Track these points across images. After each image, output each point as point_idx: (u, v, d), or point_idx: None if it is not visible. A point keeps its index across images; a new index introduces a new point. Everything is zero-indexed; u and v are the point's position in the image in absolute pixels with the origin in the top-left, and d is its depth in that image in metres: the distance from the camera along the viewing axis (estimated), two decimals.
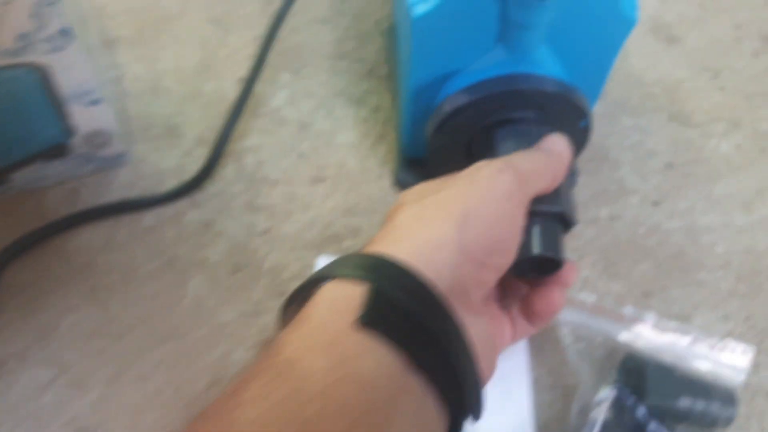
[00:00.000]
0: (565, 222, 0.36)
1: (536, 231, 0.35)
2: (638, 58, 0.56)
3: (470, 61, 0.40)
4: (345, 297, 0.27)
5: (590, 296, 0.42)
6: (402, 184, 0.48)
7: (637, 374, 0.39)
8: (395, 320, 0.27)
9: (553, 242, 0.35)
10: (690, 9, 0.59)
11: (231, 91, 0.52)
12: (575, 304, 0.42)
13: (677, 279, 0.46)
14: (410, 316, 0.27)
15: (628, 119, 0.53)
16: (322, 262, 0.44)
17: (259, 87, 0.53)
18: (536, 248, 0.34)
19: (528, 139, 0.37)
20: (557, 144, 0.36)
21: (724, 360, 0.41)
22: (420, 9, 0.37)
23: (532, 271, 0.36)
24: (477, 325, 0.30)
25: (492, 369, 0.33)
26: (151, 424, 0.39)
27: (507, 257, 0.32)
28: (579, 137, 0.42)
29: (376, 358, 0.26)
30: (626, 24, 0.38)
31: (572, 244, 0.47)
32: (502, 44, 0.39)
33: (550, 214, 0.35)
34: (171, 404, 0.39)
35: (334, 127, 0.51)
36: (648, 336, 0.41)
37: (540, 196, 0.34)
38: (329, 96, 0.53)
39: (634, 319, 0.41)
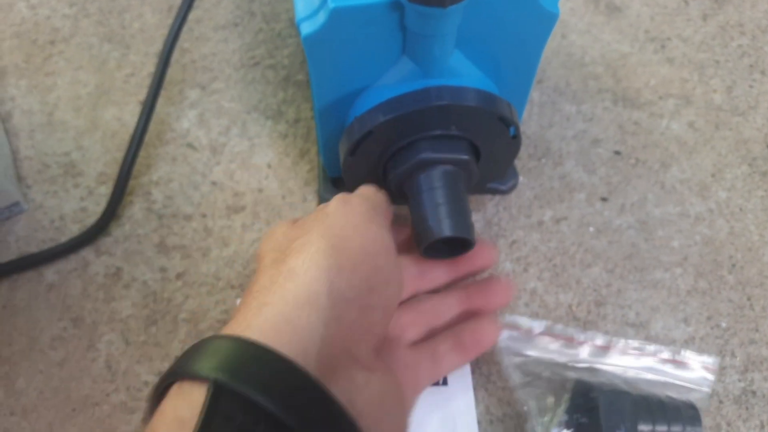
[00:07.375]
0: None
1: (443, 211, 0.34)
2: (577, 35, 0.51)
3: (377, 76, 0.35)
4: (189, 405, 0.23)
5: (539, 323, 0.38)
6: None
7: (590, 402, 0.35)
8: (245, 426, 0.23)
9: (462, 222, 0.34)
10: None
11: (133, 118, 0.47)
12: (521, 332, 0.38)
13: (632, 282, 0.42)
14: (267, 419, 0.23)
15: (570, 106, 0.48)
16: None
17: (164, 109, 0.48)
18: (447, 230, 0.33)
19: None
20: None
21: (685, 376, 0.37)
22: (308, 27, 0.32)
23: (441, 253, 0.36)
24: (369, 385, 0.27)
25: (401, 426, 0.29)
26: None
27: (389, 290, 0.30)
28: (508, 146, 0.38)
29: None
30: (548, 20, 0.34)
31: (516, 254, 0.43)
32: (409, 56, 0.34)
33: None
34: None
35: (250, 147, 0.46)
36: (599, 359, 0.37)
37: None
38: (242, 111, 0.48)
39: (583, 342, 0.38)
